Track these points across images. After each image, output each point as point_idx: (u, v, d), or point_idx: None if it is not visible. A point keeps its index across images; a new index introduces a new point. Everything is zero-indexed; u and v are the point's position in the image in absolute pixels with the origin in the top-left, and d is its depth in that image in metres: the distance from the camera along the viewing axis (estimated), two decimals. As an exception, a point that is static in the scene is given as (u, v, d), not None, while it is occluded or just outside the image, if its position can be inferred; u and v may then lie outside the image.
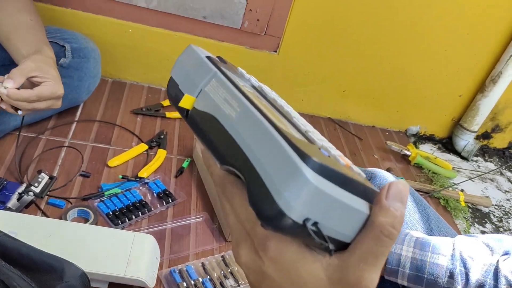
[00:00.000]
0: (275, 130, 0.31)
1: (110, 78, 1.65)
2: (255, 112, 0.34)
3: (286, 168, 0.29)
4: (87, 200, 1.15)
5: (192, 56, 0.42)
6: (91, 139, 1.35)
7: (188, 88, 0.40)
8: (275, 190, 0.29)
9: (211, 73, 0.39)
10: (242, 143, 0.33)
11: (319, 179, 0.29)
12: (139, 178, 1.25)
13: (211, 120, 0.36)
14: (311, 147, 0.33)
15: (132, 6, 1.51)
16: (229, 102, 0.36)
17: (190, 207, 1.23)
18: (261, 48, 1.65)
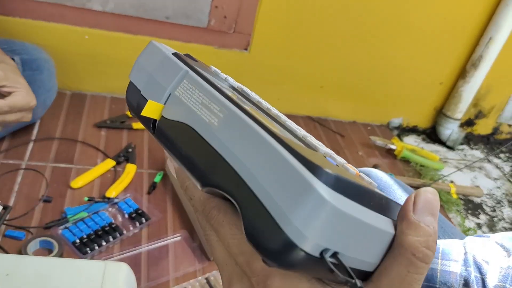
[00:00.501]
0: (272, 137, 0.27)
1: (69, 90, 1.55)
2: (243, 117, 0.29)
3: (293, 185, 0.24)
4: (50, 229, 1.05)
5: (155, 54, 0.37)
6: (51, 159, 1.24)
7: (153, 93, 0.35)
8: (281, 215, 0.24)
9: (181, 72, 0.34)
10: (229, 157, 0.28)
11: (336, 196, 0.24)
12: (107, 198, 1.15)
13: (186, 131, 0.32)
14: (316, 155, 0.29)
15: (87, 10, 1.41)
16: (207, 107, 0.31)
17: (167, 226, 1.14)
18: (231, 46, 1.57)
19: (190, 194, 0.34)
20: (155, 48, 0.37)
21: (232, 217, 0.31)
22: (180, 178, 0.36)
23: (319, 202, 0.23)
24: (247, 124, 0.29)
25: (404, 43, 1.70)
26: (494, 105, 1.96)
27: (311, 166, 0.24)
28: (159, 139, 0.34)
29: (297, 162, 0.25)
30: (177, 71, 0.34)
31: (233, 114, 0.30)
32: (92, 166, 1.25)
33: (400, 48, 1.71)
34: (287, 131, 0.34)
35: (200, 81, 0.33)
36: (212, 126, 0.30)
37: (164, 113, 0.34)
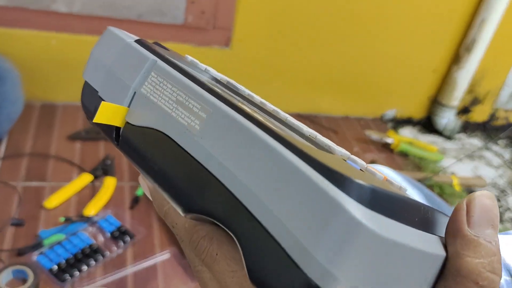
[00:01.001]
0: (277, 140, 0.21)
1: (37, 101, 1.45)
2: (234, 116, 0.23)
3: (313, 206, 0.19)
4: (23, 255, 0.96)
5: (114, 44, 0.30)
6: (21, 177, 1.15)
7: (114, 93, 0.29)
8: (298, 249, 0.19)
9: (147, 62, 0.28)
10: (220, 172, 0.22)
11: (373, 217, 0.19)
12: (85, 217, 1.06)
13: (158, 139, 0.26)
14: (335, 160, 0.23)
15: (52, 13, 1.32)
16: (185, 106, 0.25)
17: (153, 243, 1.05)
18: (211, 43, 1.49)
19: (171, 221, 0.28)
20: (113, 35, 0.31)
21: (228, 248, 0.25)
22: (157, 201, 0.29)
23: (352, 227, 0.18)
24: (240, 124, 0.23)
25: (392, 31, 1.64)
26: (489, 90, 1.91)
27: (336, 177, 0.19)
28: (125, 152, 0.28)
29: (316, 173, 0.19)
30: (142, 62, 0.28)
31: (220, 113, 0.24)
32: (68, 183, 1.16)
33: (389, 36, 1.65)
34: (291, 130, 0.28)
35: (173, 73, 0.27)
36: (192, 131, 0.24)
37: (129, 117, 0.28)
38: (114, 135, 0.29)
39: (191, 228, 0.26)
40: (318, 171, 0.19)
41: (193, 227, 0.26)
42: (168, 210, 0.28)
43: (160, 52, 0.29)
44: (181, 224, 0.27)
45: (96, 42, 0.32)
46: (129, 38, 0.30)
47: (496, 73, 1.87)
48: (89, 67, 0.31)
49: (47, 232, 1.01)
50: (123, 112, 0.28)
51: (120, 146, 0.29)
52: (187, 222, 0.27)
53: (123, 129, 0.28)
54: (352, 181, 0.19)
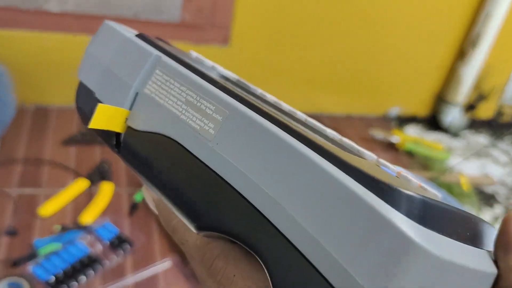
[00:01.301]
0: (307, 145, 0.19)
1: (31, 104, 1.42)
2: (256, 118, 0.21)
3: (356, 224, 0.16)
4: (18, 266, 0.92)
5: (112, 39, 0.28)
6: (14, 184, 1.11)
7: (112, 94, 0.26)
8: (338, 273, 0.16)
9: (150, 58, 0.26)
10: (242, 184, 0.20)
11: (424, 234, 0.16)
12: (82, 225, 1.03)
13: (166, 146, 0.23)
14: (371, 167, 0.20)
15: (44, 13, 1.29)
16: (196, 107, 0.23)
17: (154, 250, 1.02)
18: (209, 41, 1.46)
19: (180, 238, 0.26)
20: (110, 30, 0.29)
21: (246, 267, 0.22)
22: (163, 215, 0.27)
23: (403, 247, 0.16)
24: (263, 128, 0.20)
25: (395, 27, 1.61)
26: (494, 86, 1.89)
27: (382, 188, 0.17)
28: (127, 160, 0.26)
29: (357, 184, 0.17)
30: (145, 58, 0.26)
31: (239, 115, 0.21)
32: (63, 189, 1.12)
33: (391, 32, 1.63)
34: (315, 133, 0.25)
35: (181, 70, 0.24)
36: (206, 136, 0.22)
37: (131, 121, 0.25)
38: (114, 141, 0.26)
39: (204, 245, 0.24)
40: (360, 181, 0.17)
41: (205, 245, 0.24)
42: (176, 225, 0.26)
43: (164, 47, 0.26)
44: (192, 242, 0.25)
45: (92, 38, 0.29)
46: (128, 33, 0.28)
47: (501, 69, 1.84)
48: (84, 65, 0.29)
49: (42, 241, 0.98)
50: (123, 115, 0.25)
51: (121, 153, 0.26)
52: (199, 239, 0.24)
53: (124, 135, 0.26)
54: (401, 193, 0.17)
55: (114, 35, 0.28)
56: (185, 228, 0.25)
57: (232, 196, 0.20)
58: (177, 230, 0.26)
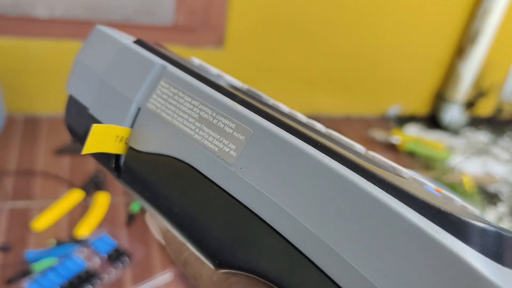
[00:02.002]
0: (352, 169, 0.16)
1: (20, 114, 1.39)
2: (287, 137, 0.18)
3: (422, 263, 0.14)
4: (13, 283, 0.90)
5: (107, 47, 0.25)
6: (5, 197, 1.09)
7: (109, 110, 0.23)
8: None
9: (153, 68, 0.22)
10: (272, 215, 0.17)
11: (504, 274, 0.14)
12: (78, 238, 1.00)
13: (179, 171, 0.20)
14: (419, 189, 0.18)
15: (31, 20, 1.26)
16: (213, 125, 0.20)
17: (154, 262, 1.00)
18: (203, 44, 1.44)
19: (194, 273, 0.23)
20: (103, 36, 0.25)
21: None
22: (173, 247, 0.24)
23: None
24: (298, 150, 0.17)
25: (392, 25, 1.60)
26: (493, 83, 1.88)
27: (449, 220, 0.14)
28: (130, 186, 0.22)
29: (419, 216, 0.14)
30: (147, 68, 0.23)
31: (266, 134, 0.18)
32: (57, 201, 1.09)
33: (389, 31, 1.61)
34: (346, 149, 0.22)
35: (191, 81, 0.21)
36: (227, 159, 0.19)
37: (132, 141, 0.22)
38: (113, 164, 0.23)
39: (222, 281, 0.21)
40: (422, 212, 0.15)
41: (224, 280, 0.21)
42: (188, 258, 0.23)
43: (168, 54, 0.24)
44: (207, 277, 0.22)
45: (82, 45, 0.26)
46: (125, 39, 0.25)
47: (500, 65, 1.84)
48: (74, 77, 0.26)
49: (35, 254, 0.95)
50: (124, 135, 0.22)
51: (122, 178, 0.23)
52: (216, 274, 0.21)
53: (125, 157, 0.23)
54: (473, 226, 0.14)
55: (109, 42, 0.25)
56: (198, 262, 0.23)
57: (262, 230, 0.18)
58: (190, 264, 0.23)
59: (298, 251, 0.17)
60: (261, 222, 0.18)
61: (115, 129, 0.22)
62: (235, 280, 0.21)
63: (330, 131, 0.26)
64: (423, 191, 0.18)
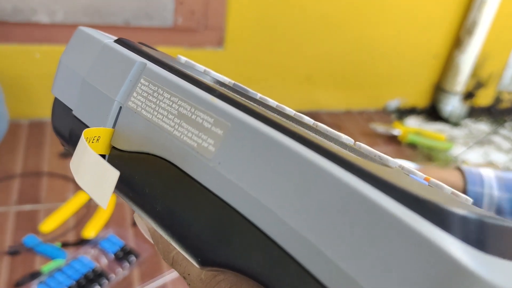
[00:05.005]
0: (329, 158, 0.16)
1: (25, 119, 1.38)
2: (265, 130, 0.17)
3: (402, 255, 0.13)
4: (22, 286, 0.89)
5: (88, 47, 0.24)
6: (13, 201, 1.08)
7: (92, 111, 0.23)
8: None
9: (133, 67, 0.22)
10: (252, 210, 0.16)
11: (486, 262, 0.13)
12: (85, 239, 1.00)
13: (159, 169, 0.20)
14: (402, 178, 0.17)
15: (33, 25, 1.26)
16: (191, 120, 0.20)
17: (161, 261, 0.99)
18: (203, 45, 1.43)
19: (182, 271, 0.22)
20: (85, 37, 0.25)
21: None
22: (160, 246, 0.24)
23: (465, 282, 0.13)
24: (274, 141, 0.17)
25: (390, 18, 1.59)
26: (492, 73, 1.87)
27: (428, 208, 0.14)
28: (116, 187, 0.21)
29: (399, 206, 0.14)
30: (127, 66, 0.22)
31: (244, 127, 0.18)
32: (63, 203, 1.09)
33: (386, 24, 1.60)
34: (330, 141, 0.21)
35: (170, 77, 0.21)
36: (205, 155, 0.18)
37: (115, 141, 0.22)
38: None
39: (210, 279, 0.21)
40: (401, 202, 0.14)
41: (212, 278, 0.21)
42: (176, 257, 0.23)
43: (149, 52, 0.23)
44: (195, 275, 0.21)
45: (65, 48, 0.26)
46: (107, 39, 0.25)
47: (498, 55, 1.82)
48: (58, 79, 0.26)
49: (31, 239, 0.95)
50: (108, 135, 0.22)
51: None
52: (203, 272, 0.21)
53: (108, 158, 0.22)
54: (454, 214, 0.13)
55: (90, 42, 0.24)
56: (186, 261, 0.22)
57: (242, 225, 0.17)
58: (178, 262, 0.23)
59: (278, 246, 0.16)
60: (241, 217, 0.17)
61: (99, 131, 0.21)
62: (222, 278, 0.20)
63: (317, 123, 0.25)
64: (407, 180, 0.18)
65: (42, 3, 1.23)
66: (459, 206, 0.15)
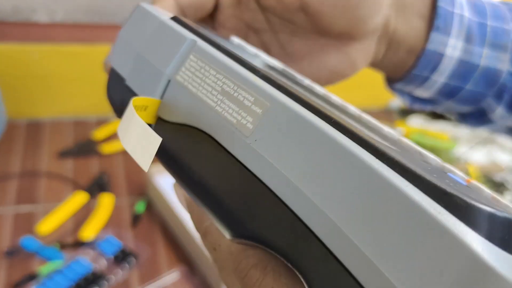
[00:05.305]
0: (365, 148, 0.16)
1: (23, 119, 1.37)
2: (303, 113, 0.18)
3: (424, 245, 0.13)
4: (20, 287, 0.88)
5: (146, 23, 0.26)
6: (10, 202, 1.07)
7: (143, 81, 0.24)
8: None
9: (184, 43, 0.23)
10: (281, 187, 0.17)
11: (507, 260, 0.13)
12: (83, 241, 0.99)
13: (199, 141, 0.21)
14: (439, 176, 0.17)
15: (32, 25, 1.24)
16: (233, 97, 0.20)
17: (160, 262, 0.98)
18: (203, 44, 1.42)
19: (213, 242, 0.23)
20: (144, 13, 0.26)
21: (287, 281, 0.19)
22: (195, 216, 0.25)
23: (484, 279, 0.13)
24: (311, 125, 0.17)
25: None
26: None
27: (456, 203, 0.14)
28: (157, 156, 0.23)
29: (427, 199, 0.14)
30: (179, 42, 0.23)
31: (282, 108, 0.18)
32: (61, 204, 1.08)
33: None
34: (372, 132, 0.22)
35: (217, 56, 0.22)
36: (243, 131, 0.19)
37: (161, 112, 0.23)
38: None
39: (239, 253, 0.21)
40: (430, 195, 0.14)
41: (241, 252, 0.21)
42: (209, 228, 0.24)
43: (201, 31, 0.24)
44: (225, 247, 0.22)
45: (125, 22, 0.27)
46: (163, 16, 0.26)
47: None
48: (115, 50, 0.27)
49: (29, 240, 0.94)
50: (155, 106, 0.23)
51: None
52: (233, 246, 0.22)
53: (154, 128, 0.23)
54: (480, 210, 0.14)
55: (148, 19, 0.26)
56: (218, 232, 0.23)
57: (271, 202, 0.18)
58: (210, 233, 0.23)
59: (303, 224, 0.17)
60: (270, 193, 0.18)
61: (148, 101, 0.23)
62: (251, 254, 0.21)
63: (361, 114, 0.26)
64: (442, 176, 0.18)
65: (42, 3, 1.22)
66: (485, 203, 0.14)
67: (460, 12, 0.39)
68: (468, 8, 0.40)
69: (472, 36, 0.39)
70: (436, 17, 0.39)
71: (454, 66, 0.40)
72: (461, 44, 0.39)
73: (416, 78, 0.43)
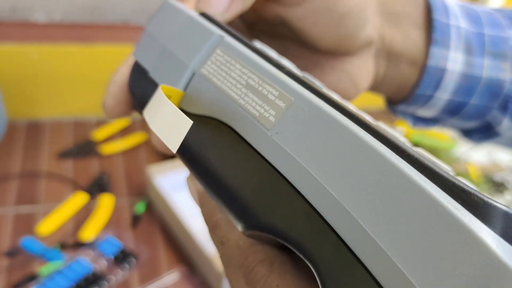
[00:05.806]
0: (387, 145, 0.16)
1: (23, 120, 1.37)
2: (326, 108, 0.18)
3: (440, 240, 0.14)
4: (19, 288, 0.88)
5: (173, 18, 0.27)
6: (10, 202, 1.08)
7: (167, 74, 0.25)
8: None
9: (211, 38, 0.24)
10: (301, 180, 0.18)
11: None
12: (83, 242, 0.99)
13: (219, 133, 0.22)
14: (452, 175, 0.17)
15: (31, 25, 1.25)
16: (257, 91, 0.20)
17: (160, 263, 0.98)
18: (203, 44, 1.42)
19: (221, 236, 0.23)
20: (172, 9, 0.27)
21: (293, 278, 0.19)
22: (206, 208, 0.25)
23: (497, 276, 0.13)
24: (334, 120, 0.18)
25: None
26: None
27: (473, 200, 0.14)
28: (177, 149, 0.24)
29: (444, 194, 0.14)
30: (206, 37, 0.24)
31: (305, 103, 0.19)
32: (61, 204, 1.08)
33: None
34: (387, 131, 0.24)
35: (244, 50, 0.22)
36: (265, 124, 0.20)
37: (184, 103, 0.23)
38: None
39: (247, 248, 0.21)
40: (447, 191, 0.15)
41: (249, 247, 0.21)
42: (218, 221, 0.24)
43: (228, 28, 0.25)
44: (234, 241, 0.22)
45: (152, 18, 0.28)
46: (191, 12, 0.27)
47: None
48: (141, 45, 0.28)
49: (30, 241, 0.94)
50: (177, 97, 0.24)
51: None
52: (242, 239, 0.22)
53: None
54: (496, 208, 0.14)
55: (176, 14, 0.26)
56: (228, 226, 0.23)
57: (288, 193, 0.18)
58: (219, 226, 0.23)
59: (320, 216, 0.17)
60: (289, 186, 0.18)
61: (172, 91, 0.23)
62: (260, 249, 0.21)
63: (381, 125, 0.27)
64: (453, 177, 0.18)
65: (40, 2, 1.22)
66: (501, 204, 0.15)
67: (456, 23, 0.38)
68: (463, 17, 0.39)
69: (471, 47, 0.38)
70: (433, 30, 0.37)
71: (456, 80, 0.39)
72: (461, 57, 0.38)
73: (419, 98, 0.42)
